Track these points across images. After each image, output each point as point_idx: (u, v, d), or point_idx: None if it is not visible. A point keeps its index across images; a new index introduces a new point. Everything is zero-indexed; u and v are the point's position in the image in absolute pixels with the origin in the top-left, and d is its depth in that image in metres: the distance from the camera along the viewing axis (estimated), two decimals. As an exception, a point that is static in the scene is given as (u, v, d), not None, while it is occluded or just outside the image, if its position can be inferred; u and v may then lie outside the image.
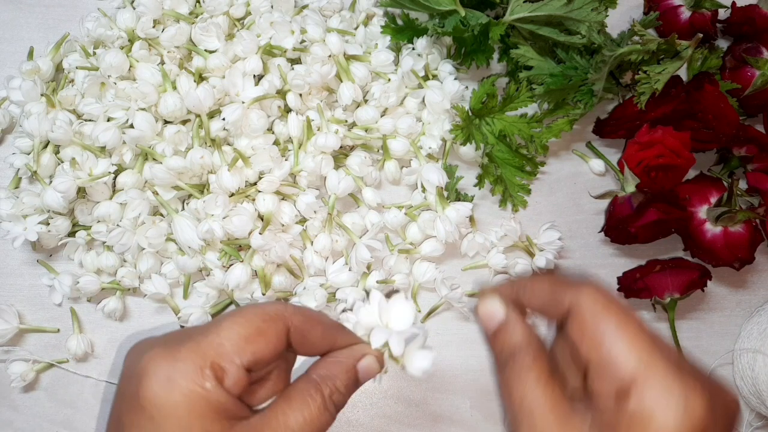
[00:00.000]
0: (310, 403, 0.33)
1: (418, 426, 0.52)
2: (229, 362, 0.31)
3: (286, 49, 0.51)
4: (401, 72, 0.52)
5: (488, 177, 0.54)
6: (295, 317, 0.34)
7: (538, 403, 0.31)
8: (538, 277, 0.35)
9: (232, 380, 0.31)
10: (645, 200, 0.49)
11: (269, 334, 0.33)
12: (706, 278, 0.52)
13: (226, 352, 0.31)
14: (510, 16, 0.50)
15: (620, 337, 0.30)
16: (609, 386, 0.30)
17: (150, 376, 0.30)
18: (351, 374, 0.34)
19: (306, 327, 0.34)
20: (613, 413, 0.29)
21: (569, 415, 0.31)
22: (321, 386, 0.33)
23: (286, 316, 0.34)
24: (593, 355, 0.31)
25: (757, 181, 0.52)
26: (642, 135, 0.51)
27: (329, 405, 0.33)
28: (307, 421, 0.32)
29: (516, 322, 0.34)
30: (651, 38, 0.50)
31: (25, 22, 0.58)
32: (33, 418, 0.51)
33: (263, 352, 0.32)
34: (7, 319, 0.51)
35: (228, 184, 0.48)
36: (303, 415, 0.32)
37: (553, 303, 0.33)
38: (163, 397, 0.30)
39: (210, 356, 0.31)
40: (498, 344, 0.34)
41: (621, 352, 0.30)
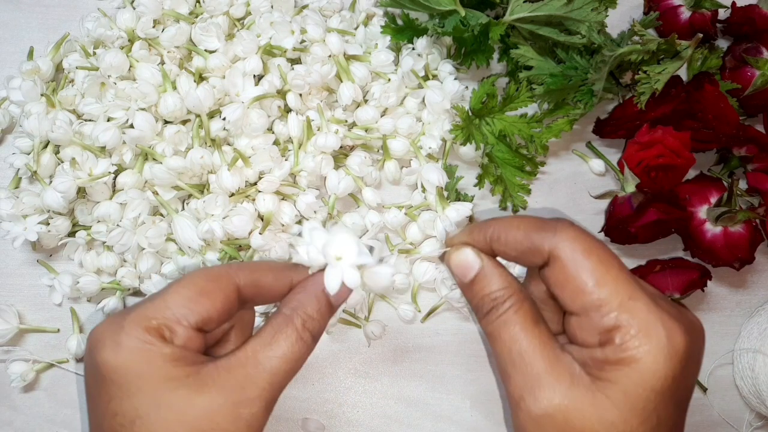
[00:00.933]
0: (282, 336, 0.32)
1: (418, 426, 0.52)
2: (176, 323, 0.32)
3: (286, 49, 0.51)
4: (401, 72, 0.52)
5: (488, 177, 0.54)
6: (241, 272, 0.34)
7: (527, 348, 0.31)
8: (510, 221, 0.34)
9: (181, 340, 0.32)
10: (645, 200, 0.49)
11: (214, 294, 0.33)
12: (706, 278, 0.52)
13: (171, 315, 0.32)
14: (510, 16, 0.50)
15: (602, 282, 0.31)
16: (593, 331, 0.31)
17: (100, 345, 0.31)
18: (321, 298, 0.34)
19: (256, 277, 0.34)
20: (599, 356, 0.30)
21: (559, 358, 0.31)
22: (292, 317, 0.33)
23: (231, 273, 0.34)
24: (576, 301, 0.31)
25: (757, 181, 0.52)
26: (642, 135, 0.51)
27: (304, 334, 0.33)
28: (281, 353, 0.32)
29: (493, 270, 0.34)
30: (651, 38, 0.50)
31: (25, 22, 0.58)
32: (33, 418, 0.51)
33: (209, 312, 0.32)
34: (7, 319, 0.51)
35: (228, 184, 0.48)
36: (277, 347, 0.32)
37: (531, 251, 0.33)
38: (116, 361, 0.31)
39: (155, 319, 0.32)
40: (477, 294, 0.34)
41: (603, 297, 0.30)
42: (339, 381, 0.53)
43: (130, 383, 0.31)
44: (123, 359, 0.31)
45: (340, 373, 0.53)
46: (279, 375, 0.32)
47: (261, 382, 0.32)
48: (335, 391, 0.52)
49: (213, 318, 0.33)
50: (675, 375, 0.30)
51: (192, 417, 0.30)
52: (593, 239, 0.32)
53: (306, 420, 0.51)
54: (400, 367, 0.53)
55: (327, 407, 0.52)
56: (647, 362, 0.29)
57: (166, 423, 0.30)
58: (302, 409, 0.52)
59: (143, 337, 0.31)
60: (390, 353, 0.53)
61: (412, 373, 0.53)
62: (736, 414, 0.53)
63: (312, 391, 0.52)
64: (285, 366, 0.32)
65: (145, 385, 0.31)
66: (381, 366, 0.53)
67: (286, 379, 0.33)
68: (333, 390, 0.52)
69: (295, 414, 0.52)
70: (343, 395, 0.52)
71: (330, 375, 0.53)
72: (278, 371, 0.32)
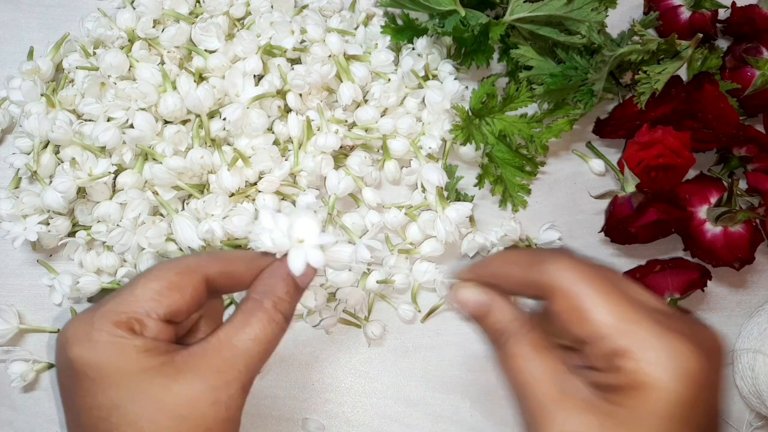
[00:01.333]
0: (254, 319, 0.33)
1: (418, 426, 0.52)
2: (145, 317, 0.32)
3: (286, 49, 0.51)
4: (401, 72, 0.52)
5: (488, 177, 0.54)
6: (212, 265, 0.34)
7: (536, 377, 0.31)
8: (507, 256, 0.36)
9: (152, 333, 0.32)
10: (645, 200, 0.49)
11: (184, 287, 0.33)
12: (706, 278, 0.52)
13: (140, 308, 0.32)
14: (510, 16, 0.50)
15: (601, 310, 0.30)
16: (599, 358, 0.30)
17: (71, 342, 0.32)
18: (289, 280, 0.34)
19: (227, 268, 0.35)
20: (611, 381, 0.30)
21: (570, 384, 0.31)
22: (262, 301, 0.33)
23: (201, 265, 0.34)
24: (579, 332, 0.31)
25: (757, 181, 0.52)
26: (642, 135, 0.51)
27: (275, 316, 0.33)
28: (254, 335, 0.33)
29: (500, 303, 0.34)
30: (651, 38, 0.50)
31: (25, 22, 0.58)
32: (33, 418, 0.51)
33: (178, 304, 0.33)
34: (7, 319, 0.51)
35: (228, 184, 0.48)
36: (250, 330, 0.33)
37: (530, 286, 0.33)
38: (89, 356, 0.31)
39: (125, 314, 0.32)
40: (488, 327, 0.34)
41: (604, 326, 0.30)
42: (339, 381, 0.53)
43: (104, 377, 0.31)
44: (95, 354, 0.31)
45: (340, 373, 0.53)
46: (254, 357, 0.32)
47: (237, 365, 0.32)
48: (335, 391, 0.52)
49: (182, 310, 0.33)
50: (689, 399, 0.28)
51: (170, 404, 0.30)
52: (590, 266, 0.32)
53: (306, 420, 0.51)
54: (400, 367, 0.53)
55: (327, 407, 0.52)
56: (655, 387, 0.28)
57: (144, 411, 0.30)
58: (302, 409, 0.52)
59: (114, 332, 0.31)
60: (390, 353, 0.53)
61: (412, 373, 0.53)
62: (736, 414, 0.53)
63: (312, 391, 0.52)
64: (259, 347, 0.33)
65: (120, 377, 0.31)
66: (381, 366, 0.53)
67: (261, 360, 0.33)
68: (333, 390, 0.52)
69: (295, 414, 0.52)
70: (343, 395, 0.52)
71: (330, 375, 0.53)
72: (253, 353, 0.32)
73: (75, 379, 0.31)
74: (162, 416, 0.30)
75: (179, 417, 0.30)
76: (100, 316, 0.32)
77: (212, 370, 0.31)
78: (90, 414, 0.31)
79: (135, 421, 0.30)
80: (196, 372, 0.31)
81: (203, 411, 0.31)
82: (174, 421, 0.30)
